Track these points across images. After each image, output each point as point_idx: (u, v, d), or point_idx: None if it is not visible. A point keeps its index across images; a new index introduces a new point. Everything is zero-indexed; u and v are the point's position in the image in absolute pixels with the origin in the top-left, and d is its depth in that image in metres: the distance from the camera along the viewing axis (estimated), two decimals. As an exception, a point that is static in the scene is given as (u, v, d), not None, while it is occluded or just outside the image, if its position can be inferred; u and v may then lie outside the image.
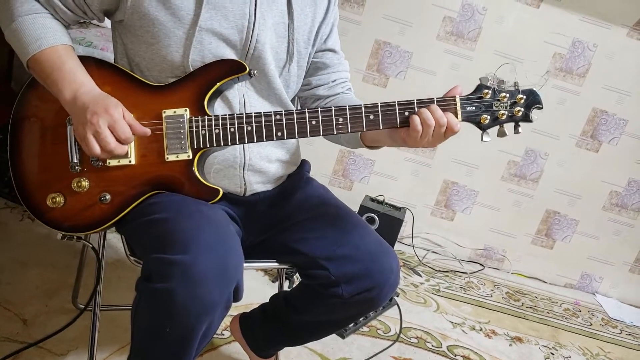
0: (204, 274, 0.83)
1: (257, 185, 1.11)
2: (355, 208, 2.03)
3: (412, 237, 2.52)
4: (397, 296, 2.03)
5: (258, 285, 1.84)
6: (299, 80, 1.14)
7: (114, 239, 1.81)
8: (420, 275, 2.30)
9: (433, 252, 2.57)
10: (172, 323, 0.85)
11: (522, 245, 2.61)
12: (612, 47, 2.33)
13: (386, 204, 2.27)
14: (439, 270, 2.41)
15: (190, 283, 0.82)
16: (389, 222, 2.16)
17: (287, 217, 1.13)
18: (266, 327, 1.25)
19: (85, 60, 1.01)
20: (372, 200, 2.29)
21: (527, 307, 2.29)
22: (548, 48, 2.34)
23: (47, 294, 1.49)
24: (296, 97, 1.23)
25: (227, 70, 1.00)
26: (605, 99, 2.40)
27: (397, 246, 2.44)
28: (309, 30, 1.11)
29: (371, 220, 2.14)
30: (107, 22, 1.10)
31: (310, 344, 1.57)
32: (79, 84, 0.95)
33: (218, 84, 1.00)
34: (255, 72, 1.02)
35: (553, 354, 1.97)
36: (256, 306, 1.31)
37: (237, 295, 0.90)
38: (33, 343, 1.26)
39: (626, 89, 2.38)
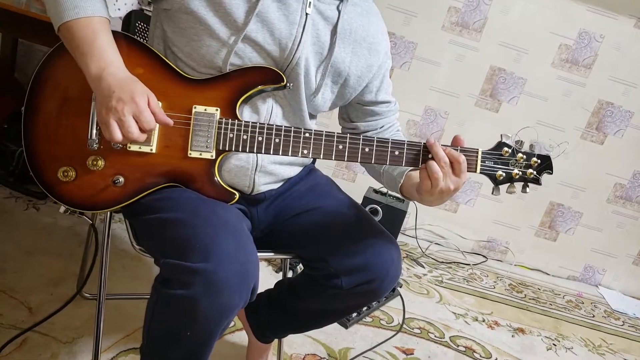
0: (226, 282, 0.83)
1: (265, 185, 1.10)
2: (358, 199, 2.03)
3: (415, 228, 2.52)
4: (400, 287, 2.04)
5: (262, 275, 1.82)
6: (321, 109, 1.12)
7: (119, 228, 1.82)
8: (423, 267, 2.31)
9: (436, 243, 2.58)
10: (193, 328, 0.86)
11: (525, 237, 2.60)
12: (619, 38, 2.31)
13: (389, 195, 2.27)
14: (442, 262, 2.41)
15: (213, 291, 0.82)
16: (392, 213, 2.16)
17: (290, 209, 1.13)
18: (270, 313, 1.26)
19: (121, 38, 0.98)
20: (376, 191, 2.28)
21: (529, 299, 2.30)
22: (554, 39, 2.32)
23: (52, 282, 1.50)
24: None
25: (265, 78, 0.99)
26: (611, 90, 2.38)
27: (400, 238, 2.44)
28: (342, 69, 1.07)
29: (374, 212, 2.14)
30: (111, 12, 1.08)
31: (313, 334, 1.58)
32: (108, 62, 0.91)
33: (254, 90, 0.99)
34: (291, 85, 1.01)
35: (555, 345, 1.97)
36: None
37: (253, 295, 0.91)
38: (32, 326, 1.26)
39: (633, 80, 2.36)
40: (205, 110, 0.97)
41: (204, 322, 0.85)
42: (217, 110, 0.98)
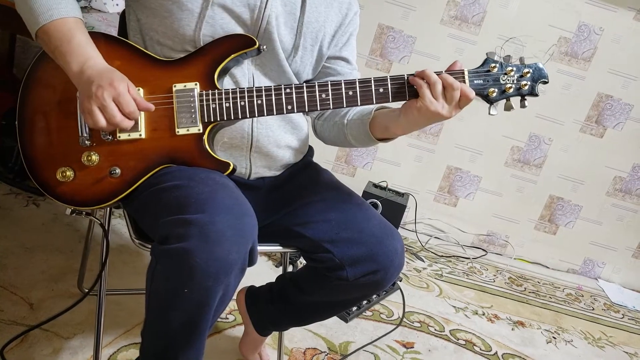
0: (222, 233, 0.83)
1: (263, 169, 1.11)
2: (358, 194, 2.03)
3: (415, 222, 2.52)
4: (400, 281, 2.04)
5: (262, 270, 1.85)
6: (301, 73, 1.13)
7: (119, 224, 1.82)
8: (423, 261, 2.31)
9: (436, 237, 2.58)
10: (190, 284, 0.85)
11: (525, 230, 2.61)
12: (619, 31, 2.30)
13: (389, 190, 2.27)
14: (442, 256, 2.41)
15: (209, 242, 0.82)
16: (392, 208, 2.17)
17: (291, 201, 1.13)
18: (271, 306, 1.26)
19: (95, 36, 1.01)
20: (375, 186, 2.29)
21: (529, 292, 2.30)
22: (553, 32, 2.32)
23: (52, 278, 1.51)
24: None
25: (237, 45, 1.01)
26: (610, 83, 2.38)
27: (400, 232, 2.44)
28: (318, 29, 1.10)
29: (374, 206, 2.15)
30: (109, 8, 1.09)
31: (314, 328, 1.58)
32: (87, 57, 0.95)
33: (228, 59, 1.01)
34: (264, 47, 1.03)
35: (555, 338, 1.98)
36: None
37: (252, 258, 0.90)
38: (35, 325, 1.27)
39: (632, 73, 2.36)
40: (185, 86, 1.00)
41: (201, 277, 0.83)
42: (196, 84, 1.00)
